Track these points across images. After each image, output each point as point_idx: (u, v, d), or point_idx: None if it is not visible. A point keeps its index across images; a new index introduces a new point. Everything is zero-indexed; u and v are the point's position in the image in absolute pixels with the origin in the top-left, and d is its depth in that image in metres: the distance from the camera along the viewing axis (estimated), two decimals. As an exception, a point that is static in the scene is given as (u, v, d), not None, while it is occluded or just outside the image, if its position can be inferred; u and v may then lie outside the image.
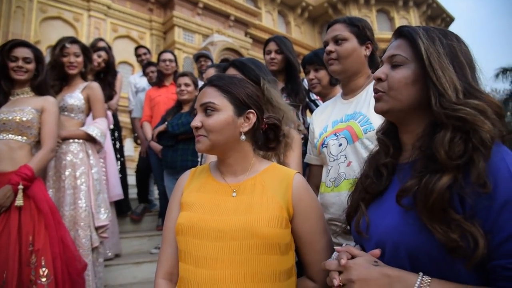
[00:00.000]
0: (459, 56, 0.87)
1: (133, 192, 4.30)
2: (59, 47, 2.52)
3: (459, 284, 0.76)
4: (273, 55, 2.42)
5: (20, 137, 2.07)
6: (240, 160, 1.16)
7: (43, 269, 1.81)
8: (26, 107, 2.11)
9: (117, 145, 3.89)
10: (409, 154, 0.91)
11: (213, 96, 1.12)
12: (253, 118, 1.14)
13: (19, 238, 1.85)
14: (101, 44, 3.99)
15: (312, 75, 2.14)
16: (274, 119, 1.21)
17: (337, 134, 1.54)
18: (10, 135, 2.04)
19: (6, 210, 1.89)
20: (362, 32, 1.57)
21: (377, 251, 0.87)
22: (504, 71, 17.95)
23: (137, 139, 4.57)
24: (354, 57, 1.54)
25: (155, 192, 4.68)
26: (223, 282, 0.98)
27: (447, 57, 0.86)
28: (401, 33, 0.95)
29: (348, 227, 1.06)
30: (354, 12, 13.52)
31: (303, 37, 13.83)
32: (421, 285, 0.76)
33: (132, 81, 4.86)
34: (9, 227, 1.85)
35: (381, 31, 13.12)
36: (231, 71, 1.66)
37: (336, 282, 0.83)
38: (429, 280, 0.76)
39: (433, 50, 0.86)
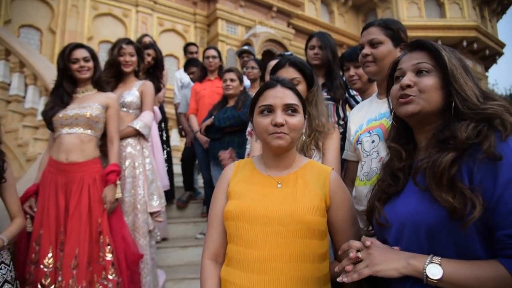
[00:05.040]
0: (467, 68, 1.03)
1: (178, 181, 4.53)
2: (117, 48, 2.75)
3: (469, 261, 0.87)
4: (316, 50, 2.50)
5: (89, 130, 2.32)
6: (290, 156, 1.30)
7: (108, 246, 2.08)
8: (93, 103, 2.35)
9: (164, 136, 4.14)
10: (424, 151, 1.05)
11: (294, 98, 1.27)
12: (306, 120, 1.32)
13: (89, 220, 2.11)
14: (147, 39, 4.22)
15: (352, 71, 2.18)
16: None
17: (371, 131, 1.63)
18: (81, 129, 2.29)
19: (77, 195, 2.14)
20: (397, 35, 1.62)
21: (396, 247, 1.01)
22: None
23: (182, 132, 4.82)
24: (389, 59, 1.58)
25: (199, 181, 4.92)
26: (271, 261, 1.13)
27: (461, 68, 1.00)
28: (422, 46, 1.08)
29: (371, 229, 1.19)
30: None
31: (346, 26, 13.49)
32: (433, 260, 0.89)
33: (177, 76, 5.08)
34: (80, 210, 2.11)
35: (429, 18, 12.66)
36: (289, 69, 1.76)
37: (353, 254, 0.99)
38: (440, 258, 0.89)
39: (454, 62, 1.00)
